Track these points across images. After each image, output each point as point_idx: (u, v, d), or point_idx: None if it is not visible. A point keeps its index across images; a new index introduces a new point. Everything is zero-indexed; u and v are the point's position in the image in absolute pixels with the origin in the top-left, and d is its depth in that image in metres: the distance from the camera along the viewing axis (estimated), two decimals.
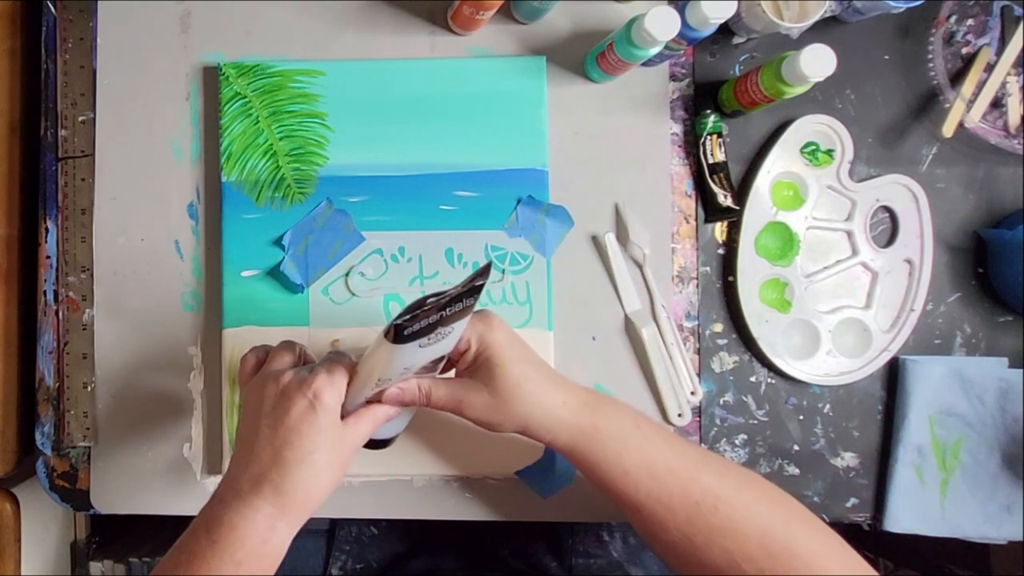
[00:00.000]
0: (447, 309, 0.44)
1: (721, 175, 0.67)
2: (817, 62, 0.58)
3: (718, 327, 0.68)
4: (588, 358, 0.67)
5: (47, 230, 0.69)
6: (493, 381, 0.50)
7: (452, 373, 0.55)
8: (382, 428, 0.53)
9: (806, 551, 0.48)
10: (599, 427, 0.51)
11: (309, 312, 0.66)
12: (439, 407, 0.52)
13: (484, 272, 0.45)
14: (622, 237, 0.68)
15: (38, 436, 0.68)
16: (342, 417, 0.50)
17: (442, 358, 0.51)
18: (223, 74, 0.67)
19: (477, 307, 0.47)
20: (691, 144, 0.69)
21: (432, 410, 0.53)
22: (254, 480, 0.48)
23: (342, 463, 0.50)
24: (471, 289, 0.44)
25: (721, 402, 0.67)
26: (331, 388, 0.49)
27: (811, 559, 0.48)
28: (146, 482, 0.67)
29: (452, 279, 0.66)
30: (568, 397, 0.52)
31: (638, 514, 0.51)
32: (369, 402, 0.51)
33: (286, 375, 0.50)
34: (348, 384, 0.50)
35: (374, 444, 0.55)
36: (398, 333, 0.44)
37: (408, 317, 0.44)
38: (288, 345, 0.54)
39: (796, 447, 0.67)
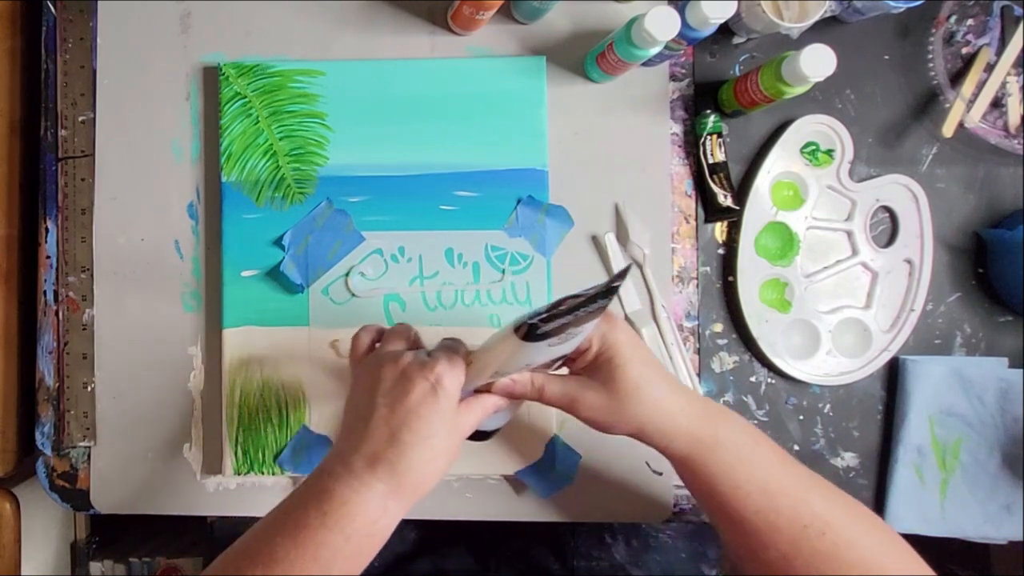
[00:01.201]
0: (581, 310, 0.43)
1: (721, 175, 0.67)
2: (817, 62, 0.58)
3: (718, 327, 0.68)
4: None
5: (47, 230, 0.69)
6: (613, 382, 0.49)
7: (564, 370, 0.54)
8: (488, 419, 0.52)
9: None
10: (719, 439, 0.50)
11: (309, 312, 0.66)
12: (551, 403, 0.51)
13: (622, 275, 0.43)
14: (622, 237, 0.68)
15: (38, 436, 0.68)
16: None
17: (562, 356, 0.50)
18: (223, 74, 0.67)
19: None
20: (691, 144, 0.68)
21: None
22: (369, 458, 0.47)
23: (455, 450, 0.49)
24: (607, 291, 0.43)
25: (721, 402, 0.67)
26: (452, 374, 0.48)
27: None
28: (146, 482, 0.67)
29: (452, 279, 0.66)
30: (687, 404, 0.50)
31: (739, 528, 0.50)
32: (478, 391, 0.51)
33: (405, 356, 0.49)
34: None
35: (477, 436, 0.54)
36: (530, 331, 0.43)
37: (545, 316, 0.43)
38: (403, 328, 0.54)
39: (796, 447, 0.67)
